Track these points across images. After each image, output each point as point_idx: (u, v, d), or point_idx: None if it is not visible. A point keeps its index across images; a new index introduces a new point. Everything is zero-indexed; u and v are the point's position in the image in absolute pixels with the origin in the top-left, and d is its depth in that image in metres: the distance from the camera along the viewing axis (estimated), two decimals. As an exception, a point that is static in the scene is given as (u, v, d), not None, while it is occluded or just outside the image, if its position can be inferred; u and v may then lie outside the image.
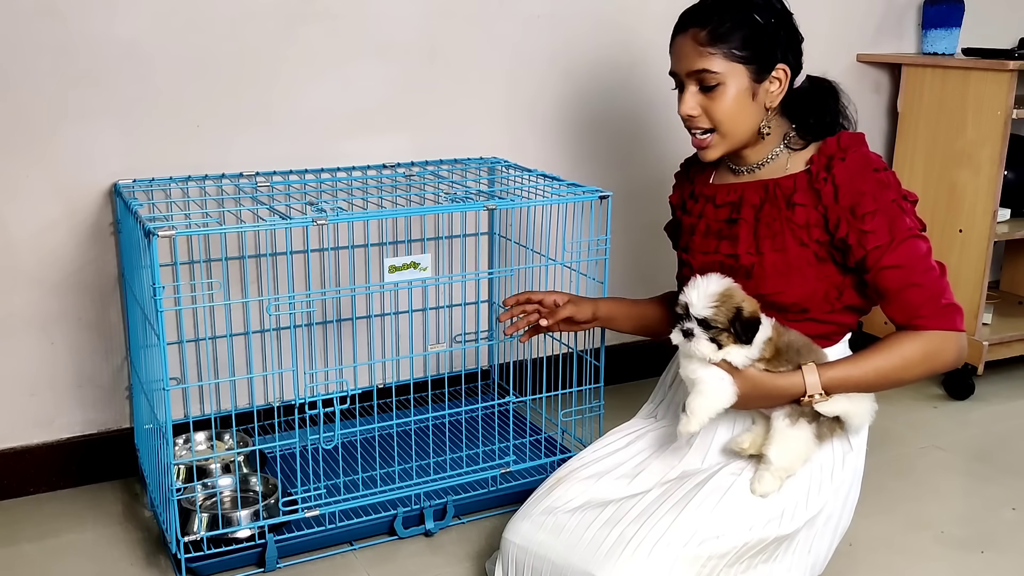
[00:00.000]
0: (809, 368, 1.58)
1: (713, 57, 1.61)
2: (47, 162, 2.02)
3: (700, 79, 1.63)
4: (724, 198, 1.72)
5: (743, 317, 1.55)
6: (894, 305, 1.60)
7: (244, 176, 2.15)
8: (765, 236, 1.64)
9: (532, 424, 2.37)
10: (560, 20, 2.46)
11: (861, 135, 1.68)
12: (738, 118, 1.65)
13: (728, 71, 1.62)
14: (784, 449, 1.59)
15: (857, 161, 1.61)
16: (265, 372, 2.26)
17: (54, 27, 1.97)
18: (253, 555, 1.84)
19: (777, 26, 1.65)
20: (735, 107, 1.63)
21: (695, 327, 1.56)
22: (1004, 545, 1.98)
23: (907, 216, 1.60)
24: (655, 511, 1.57)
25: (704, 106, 1.65)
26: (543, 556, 1.60)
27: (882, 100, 3.02)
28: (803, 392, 1.57)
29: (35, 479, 2.13)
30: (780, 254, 1.63)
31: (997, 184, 2.63)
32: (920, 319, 1.58)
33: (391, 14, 2.28)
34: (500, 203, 1.94)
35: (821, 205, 1.61)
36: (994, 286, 3.28)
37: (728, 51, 1.61)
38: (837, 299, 1.66)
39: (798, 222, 1.62)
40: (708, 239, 1.73)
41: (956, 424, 2.57)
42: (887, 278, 1.58)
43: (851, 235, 1.58)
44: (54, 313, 2.10)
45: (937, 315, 1.58)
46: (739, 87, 1.63)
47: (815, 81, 1.75)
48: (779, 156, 1.69)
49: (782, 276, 1.63)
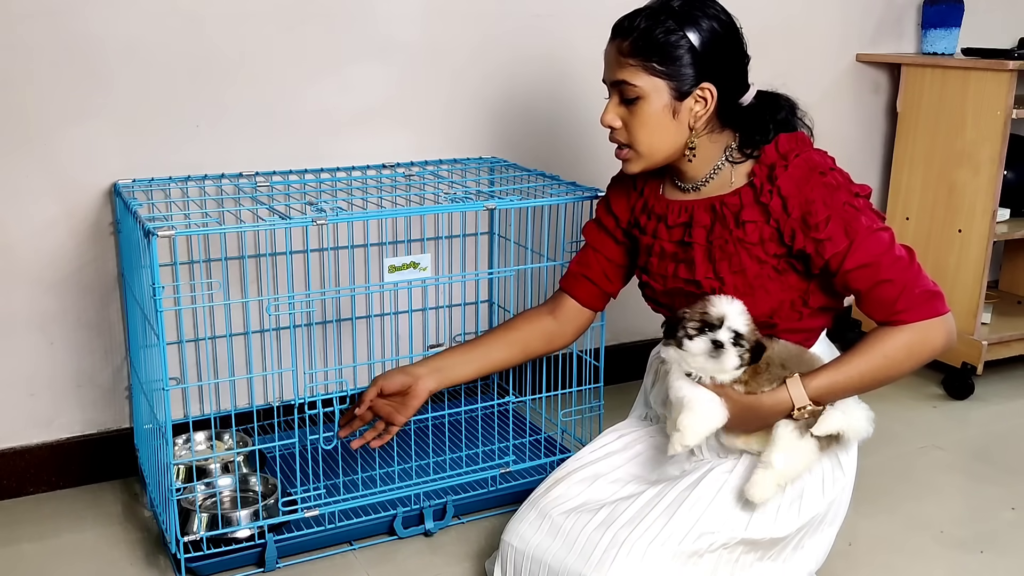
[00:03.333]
0: (793, 381, 1.54)
1: (633, 69, 1.56)
2: (47, 162, 2.02)
3: (621, 91, 1.59)
4: (675, 219, 1.67)
5: (758, 339, 1.56)
6: (869, 304, 1.56)
7: (244, 176, 2.15)
8: (721, 259, 1.60)
9: (532, 424, 2.37)
10: (559, 20, 2.46)
11: (801, 135, 1.63)
12: (656, 136, 1.59)
13: (648, 86, 1.56)
14: (789, 456, 1.56)
15: (800, 168, 1.55)
16: (265, 372, 2.26)
17: (53, 27, 1.97)
18: (253, 555, 1.84)
19: (709, 44, 1.56)
20: (653, 124, 1.58)
21: (727, 340, 1.53)
22: (1003, 545, 1.99)
23: (862, 215, 1.54)
24: (648, 513, 1.57)
25: (624, 119, 1.60)
26: (539, 559, 1.60)
27: (881, 100, 3.02)
28: (791, 407, 1.54)
29: (35, 479, 2.13)
30: (739, 275, 1.59)
31: (996, 184, 2.63)
32: (899, 314, 1.53)
33: (391, 14, 2.28)
34: (500, 203, 1.94)
35: (772, 219, 1.56)
36: (993, 286, 3.28)
37: (649, 65, 1.55)
38: (804, 305, 1.62)
39: (751, 240, 1.58)
40: (665, 262, 1.69)
41: (955, 424, 2.57)
42: (855, 280, 1.54)
43: (808, 245, 1.54)
44: (53, 313, 2.10)
45: (915, 306, 1.52)
46: (659, 103, 1.57)
47: (766, 96, 1.68)
48: (722, 170, 1.63)
49: (745, 296, 1.59)
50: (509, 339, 1.83)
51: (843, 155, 3.02)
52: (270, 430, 2.29)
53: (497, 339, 1.83)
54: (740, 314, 1.54)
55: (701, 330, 1.55)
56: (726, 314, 1.54)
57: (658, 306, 1.76)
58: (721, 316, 1.54)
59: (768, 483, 1.56)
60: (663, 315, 1.78)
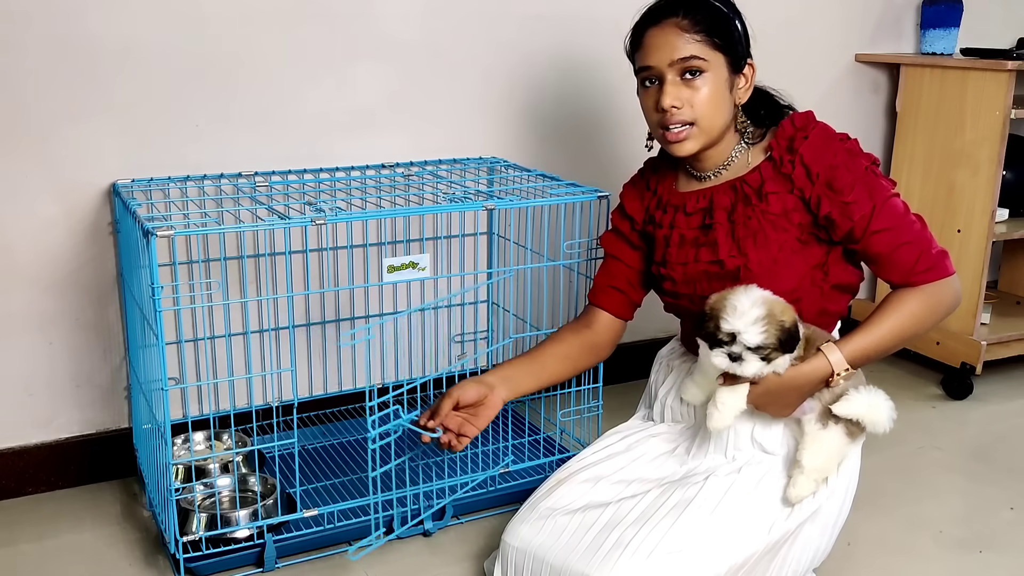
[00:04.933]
0: (829, 347, 1.58)
1: (699, 44, 1.61)
2: (46, 162, 2.02)
3: (686, 67, 1.62)
4: (695, 206, 1.70)
5: (787, 330, 1.55)
6: (888, 267, 1.62)
7: (243, 176, 2.15)
8: (744, 236, 1.64)
9: (531, 424, 2.37)
10: (559, 20, 2.46)
11: (811, 112, 1.69)
12: (718, 110, 1.64)
13: (714, 60, 1.62)
14: (816, 451, 1.59)
15: (820, 136, 1.62)
16: (264, 372, 2.26)
17: (53, 27, 1.97)
18: (252, 555, 1.84)
19: (743, 23, 1.69)
20: (716, 97, 1.63)
21: (744, 351, 1.54)
22: (1002, 545, 1.99)
23: (881, 179, 1.63)
24: (654, 514, 1.57)
25: (686, 97, 1.63)
26: (541, 559, 1.60)
27: (881, 100, 3.02)
28: (831, 372, 1.58)
29: (33, 479, 2.13)
30: (763, 250, 1.62)
31: (996, 184, 2.63)
32: (917, 275, 1.60)
33: (390, 14, 2.28)
34: (499, 203, 1.94)
35: (796, 188, 1.62)
36: (992, 286, 3.28)
37: (711, 39, 1.62)
38: (824, 280, 1.66)
39: (775, 211, 1.62)
40: (684, 249, 1.71)
41: (954, 424, 2.57)
42: (877, 243, 1.61)
43: (834, 210, 1.60)
44: (52, 313, 2.09)
45: (932, 267, 1.60)
46: (720, 77, 1.64)
47: None
48: (740, 155, 1.70)
49: (769, 272, 1.62)
50: (562, 354, 1.86)
51: (842, 155, 3.02)
52: (269, 430, 2.28)
53: (552, 354, 1.85)
54: (752, 323, 1.52)
55: (718, 342, 1.55)
56: (738, 331, 1.52)
57: (677, 299, 1.76)
58: (732, 332, 1.53)
59: (804, 483, 1.59)
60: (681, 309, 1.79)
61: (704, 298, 1.67)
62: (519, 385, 1.79)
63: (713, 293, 1.61)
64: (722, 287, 1.64)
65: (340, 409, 2.41)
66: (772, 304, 1.55)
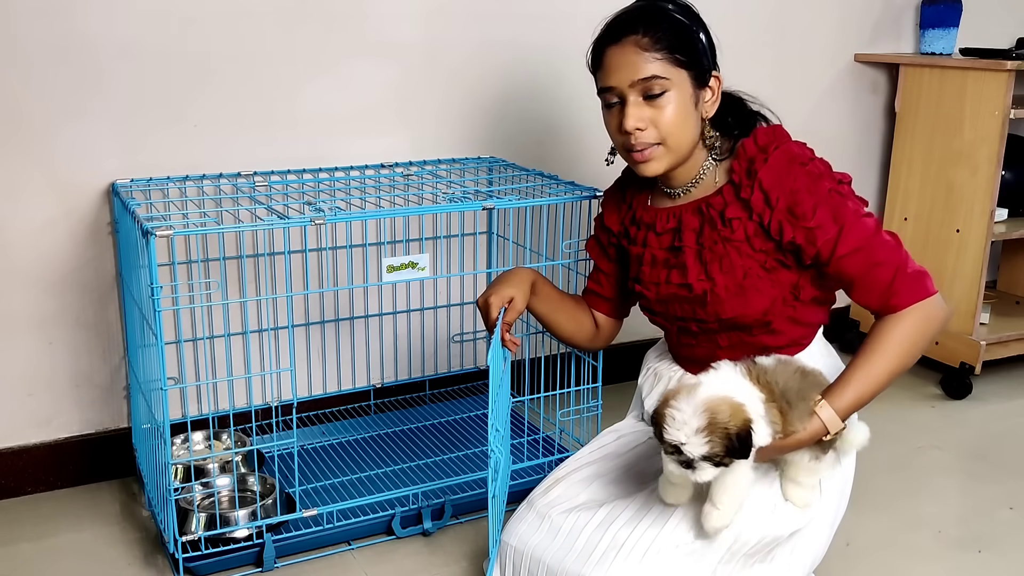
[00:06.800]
0: (821, 407, 1.50)
1: (660, 63, 1.55)
2: (45, 161, 2.02)
3: (646, 87, 1.56)
4: (664, 225, 1.67)
5: (735, 436, 1.40)
6: (864, 290, 1.54)
7: (242, 176, 2.15)
8: (711, 260, 1.59)
9: (530, 424, 2.37)
10: (557, 21, 2.46)
11: (779, 127, 1.61)
12: (684, 127, 1.58)
13: (676, 77, 1.56)
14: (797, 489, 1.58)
15: (780, 159, 1.54)
16: (263, 372, 2.26)
17: (52, 27, 1.97)
18: (251, 555, 1.84)
19: (707, 35, 1.62)
20: (682, 116, 1.57)
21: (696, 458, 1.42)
22: (1002, 544, 1.99)
23: (848, 200, 1.55)
24: (647, 514, 1.57)
25: (650, 117, 1.58)
26: (538, 559, 1.60)
27: (880, 100, 3.02)
28: (825, 433, 1.51)
29: (33, 479, 2.13)
30: (730, 276, 1.58)
31: (995, 184, 2.63)
32: (895, 297, 1.52)
33: (389, 14, 2.28)
34: (498, 203, 1.94)
35: (755, 214, 1.56)
36: (991, 286, 3.28)
37: (673, 56, 1.55)
38: (796, 300, 1.61)
39: (738, 238, 1.57)
40: (657, 269, 1.68)
41: (954, 424, 2.57)
42: (848, 266, 1.54)
43: (798, 235, 1.53)
44: (52, 313, 2.09)
45: (910, 288, 1.52)
46: (685, 94, 1.57)
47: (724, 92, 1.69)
48: (708, 172, 1.64)
49: (737, 297, 1.58)
50: (575, 316, 1.86)
51: (841, 155, 3.04)
52: (268, 430, 2.28)
53: (570, 308, 1.85)
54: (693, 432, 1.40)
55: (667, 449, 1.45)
56: (678, 442, 1.40)
57: (653, 315, 1.76)
58: (675, 443, 1.41)
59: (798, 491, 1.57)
60: (659, 325, 1.77)
61: (678, 319, 1.68)
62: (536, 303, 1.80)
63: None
64: (692, 310, 1.63)
65: (339, 409, 2.41)
66: (716, 409, 1.41)
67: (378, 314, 2.39)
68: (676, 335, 1.75)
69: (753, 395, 1.46)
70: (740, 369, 1.50)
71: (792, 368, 1.54)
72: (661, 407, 1.45)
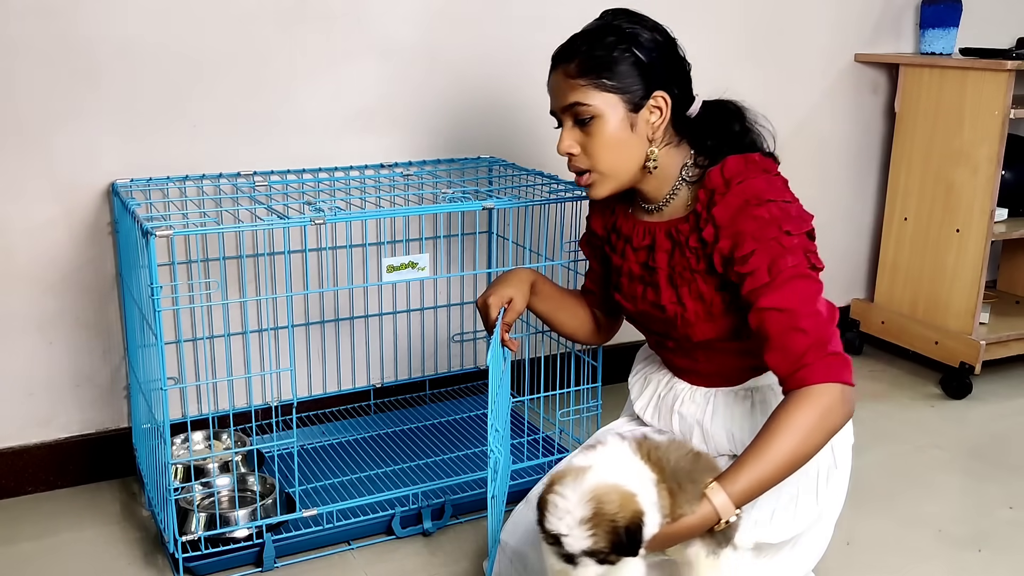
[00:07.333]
0: (714, 491, 1.37)
1: (584, 89, 1.54)
2: (45, 161, 2.02)
3: (575, 113, 1.56)
4: (640, 241, 1.64)
5: (623, 530, 1.27)
6: (776, 352, 1.42)
7: (242, 176, 2.15)
8: (681, 285, 1.57)
9: (530, 424, 2.37)
10: (556, 21, 2.46)
11: (754, 158, 1.53)
12: (617, 153, 1.56)
13: (602, 103, 1.53)
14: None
15: (737, 197, 1.47)
16: (263, 372, 2.26)
17: (52, 27, 1.97)
18: (251, 555, 1.84)
19: (654, 54, 1.55)
20: (613, 141, 1.55)
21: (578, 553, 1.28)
22: (1001, 544, 1.99)
23: (790, 254, 1.44)
24: None
25: (582, 143, 1.57)
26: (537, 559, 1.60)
27: (880, 100, 3.02)
28: (717, 520, 1.38)
29: (33, 479, 2.13)
30: (699, 302, 1.56)
31: (994, 184, 2.63)
32: (805, 369, 1.39)
33: (389, 14, 2.28)
34: (498, 203, 1.94)
35: (708, 247, 1.51)
36: (991, 286, 3.28)
37: (598, 81, 1.53)
38: None
39: (700, 268, 1.54)
40: (634, 284, 1.67)
41: (953, 423, 2.57)
42: (768, 321, 1.43)
43: (732, 276, 1.48)
44: (52, 313, 2.10)
45: (824, 367, 1.39)
46: (616, 119, 1.54)
47: (712, 105, 1.64)
48: (679, 191, 1.59)
49: (707, 323, 1.56)
50: (575, 312, 1.85)
51: (841, 155, 3.04)
52: (268, 429, 2.29)
53: (570, 304, 1.85)
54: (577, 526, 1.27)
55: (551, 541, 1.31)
56: (560, 533, 1.28)
57: (634, 323, 1.76)
58: (555, 533, 1.28)
59: None
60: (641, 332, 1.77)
61: (655, 333, 1.67)
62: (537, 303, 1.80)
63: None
64: (667, 329, 1.62)
65: (339, 409, 2.41)
66: (604, 498, 1.28)
67: (378, 314, 2.39)
68: (655, 346, 1.75)
69: (645, 477, 1.34)
70: (631, 446, 1.39)
71: (685, 449, 1.44)
72: (545, 491, 1.32)
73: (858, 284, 3.16)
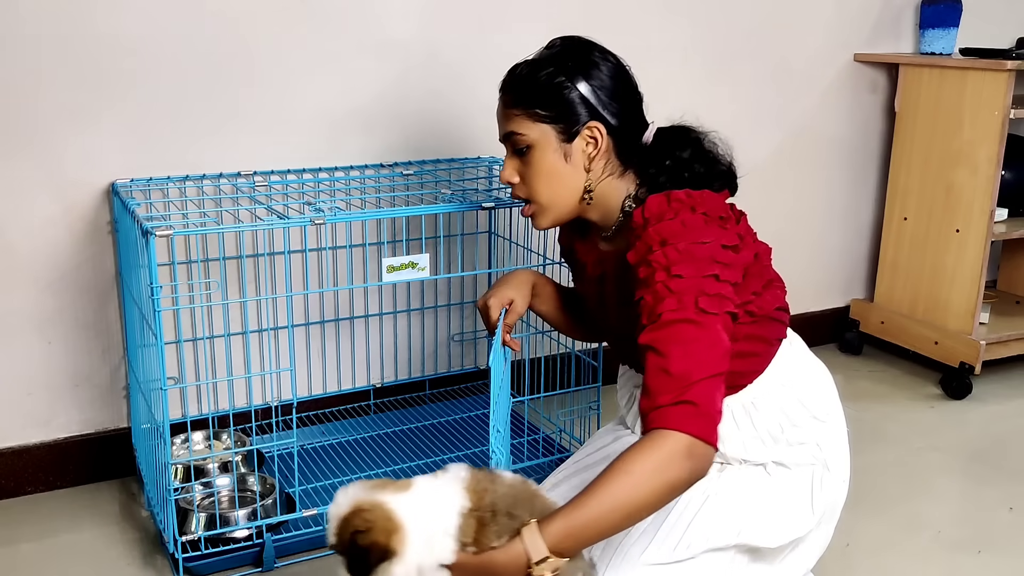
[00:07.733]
0: (528, 530, 1.26)
1: (519, 119, 1.53)
2: (45, 161, 2.02)
3: (513, 142, 1.56)
4: (594, 269, 1.64)
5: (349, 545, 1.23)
6: (643, 392, 1.35)
7: (242, 176, 2.15)
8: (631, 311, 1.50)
9: (530, 424, 2.37)
10: (556, 21, 2.46)
11: (677, 195, 1.45)
12: (553, 183, 1.55)
13: (536, 133, 1.52)
14: None
15: (648, 239, 1.43)
16: (263, 372, 2.26)
17: (52, 26, 1.97)
18: (251, 555, 1.84)
19: (593, 83, 1.52)
20: (548, 171, 1.54)
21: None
22: (1001, 545, 1.99)
23: (671, 297, 1.36)
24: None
25: (521, 173, 1.57)
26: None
27: (879, 100, 3.02)
28: (527, 560, 1.25)
29: (32, 479, 2.13)
30: None
31: (994, 184, 2.63)
32: (656, 410, 1.30)
33: (389, 13, 2.28)
34: (498, 203, 1.94)
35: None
36: (991, 286, 3.28)
37: (532, 112, 1.52)
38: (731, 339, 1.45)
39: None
40: (594, 302, 1.68)
41: (953, 424, 2.57)
42: (644, 360, 1.37)
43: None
44: (51, 312, 2.09)
45: (675, 411, 1.29)
46: (550, 149, 1.52)
47: (665, 132, 1.59)
48: (625, 222, 1.54)
49: None
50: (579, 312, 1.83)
51: (841, 155, 3.03)
52: (268, 429, 2.28)
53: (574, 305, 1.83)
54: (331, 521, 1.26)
55: None
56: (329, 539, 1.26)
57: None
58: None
59: None
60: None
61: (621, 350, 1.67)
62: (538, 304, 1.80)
63: None
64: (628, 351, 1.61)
65: (339, 409, 2.41)
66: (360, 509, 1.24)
67: (378, 314, 2.39)
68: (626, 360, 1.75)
69: (454, 504, 1.27)
70: (465, 475, 1.32)
71: (520, 488, 1.35)
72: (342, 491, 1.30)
73: (858, 284, 3.16)
